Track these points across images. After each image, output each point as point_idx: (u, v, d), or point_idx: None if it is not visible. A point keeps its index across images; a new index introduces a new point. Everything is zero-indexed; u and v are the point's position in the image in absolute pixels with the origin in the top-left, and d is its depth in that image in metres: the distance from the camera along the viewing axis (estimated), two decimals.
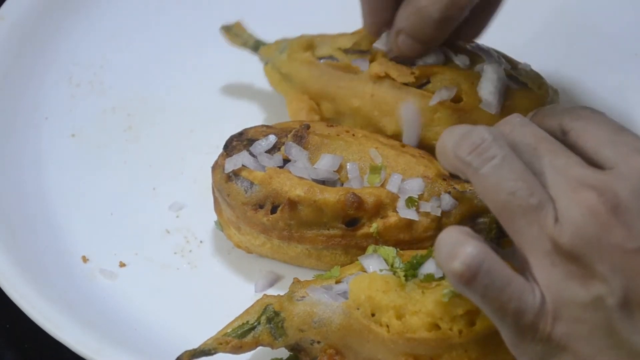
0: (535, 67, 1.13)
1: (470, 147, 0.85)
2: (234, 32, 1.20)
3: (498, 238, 1.01)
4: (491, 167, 0.84)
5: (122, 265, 1.09)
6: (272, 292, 1.05)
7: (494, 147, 0.84)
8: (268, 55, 1.17)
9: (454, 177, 1.02)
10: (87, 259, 1.09)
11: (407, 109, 1.07)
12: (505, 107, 1.07)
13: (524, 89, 1.08)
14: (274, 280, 1.07)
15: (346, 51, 1.12)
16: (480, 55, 1.10)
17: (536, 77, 1.11)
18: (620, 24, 1.29)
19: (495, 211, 0.85)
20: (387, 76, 1.08)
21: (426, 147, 1.07)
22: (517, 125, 0.88)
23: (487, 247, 0.83)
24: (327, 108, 1.12)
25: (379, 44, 1.10)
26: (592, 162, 0.84)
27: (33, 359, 1.04)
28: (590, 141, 0.86)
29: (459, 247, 0.82)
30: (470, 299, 0.84)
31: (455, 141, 0.86)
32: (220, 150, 1.07)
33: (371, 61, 1.10)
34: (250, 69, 1.21)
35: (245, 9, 1.29)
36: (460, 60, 1.09)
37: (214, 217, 1.09)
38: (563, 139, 0.87)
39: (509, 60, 1.12)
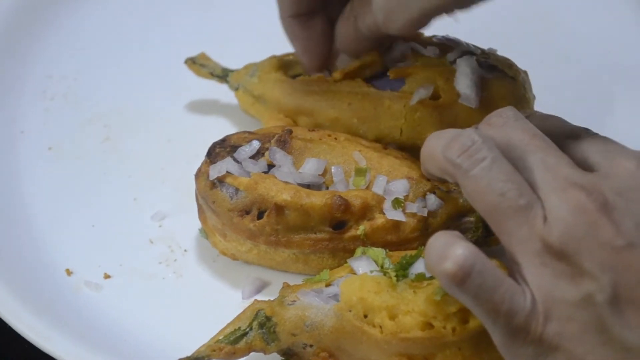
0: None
1: (460, 149, 0.86)
2: (200, 63, 1.20)
3: (485, 237, 1.02)
4: (481, 169, 0.84)
5: (106, 276, 1.08)
6: (259, 298, 1.05)
7: (484, 149, 0.85)
8: (238, 80, 1.17)
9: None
10: (72, 272, 1.08)
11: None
12: (483, 97, 1.07)
13: (498, 77, 1.08)
14: (261, 287, 1.07)
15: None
16: (449, 45, 1.11)
17: (504, 59, 1.11)
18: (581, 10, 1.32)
19: (484, 213, 0.85)
20: (351, 74, 1.09)
21: (408, 147, 1.08)
22: (510, 119, 0.89)
23: (477, 249, 0.83)
24: (305, 122, 1.12)
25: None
26: (581, 167, 0.86)
27: (33, 359, 1.03)
28: (581, 152, 0.88)
29: (450, 248, 0.83)
30: (461, 300, 0.84)
31: (445, 144, 0.87)
32: (199, 158, 1.06)
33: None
34: None
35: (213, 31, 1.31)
36: (430, 51, 1.10)
37: (197, 225, 1.09)
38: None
39: (475, 47, 1.13)
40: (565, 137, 0.90)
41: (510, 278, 0.84)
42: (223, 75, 1.19)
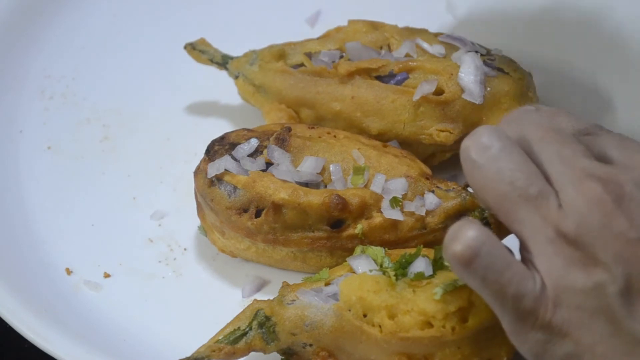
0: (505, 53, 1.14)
1: (468, 140, 0.85)
2: (199, 49, 1.19)
3: None
4: (488, 158, 0.84)
5: (106, 276, 1.08)
6: (259, 296, 1.05)
7: (492, 137, 0.84)
8: (238, 68, 1.16)
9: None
10: (71, 271, 1.08)
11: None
12: (487, 94, 1.07)
13: (502, 75, 1.09)
14: (260, 285, 1.07)
15: (310, 56, 1.12)
16: (454, 44, 1.11)
17: (510, 62, 1.12)
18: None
19: (494, 203, 0.85)
20: (357, 72, 1.09)
21: (412, 143, 1.09)
22: (522, 113, 0.89)
23: (489, 232, 0.83)
24: (307, 115, 1.12)
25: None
26: (598, 160, 0.85)
27: (33, 359, 1.03)
28: (597, 148, 0.87)
29: (461, 230, 0.83)
30: (469, 283, 0.84)
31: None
32: (198, 156, 1.06)
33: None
34: (224, 75, 1.20)
35: (213, 20, 1.31)
36: (436, 50, 1.10)
37: (196, 224, 1.09)
38: None
39: (480, 47, 1.13)
40: (578, 133, 0.90)
41: (520, 262, 0.83)
42: (223, 62, 1.18)
